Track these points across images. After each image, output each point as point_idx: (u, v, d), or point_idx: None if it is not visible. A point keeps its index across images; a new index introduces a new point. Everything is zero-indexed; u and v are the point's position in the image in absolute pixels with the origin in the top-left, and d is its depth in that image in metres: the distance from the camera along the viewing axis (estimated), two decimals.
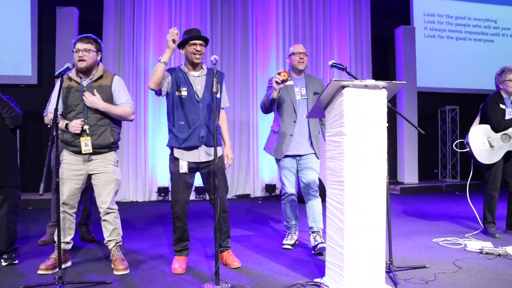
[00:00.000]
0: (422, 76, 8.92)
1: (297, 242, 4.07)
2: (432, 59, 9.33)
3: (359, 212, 2.71)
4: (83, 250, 3.99)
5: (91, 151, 3.29)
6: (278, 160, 3.92)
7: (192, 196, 7.30)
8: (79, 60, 3.28)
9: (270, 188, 7.68)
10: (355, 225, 2.70)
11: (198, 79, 3.36)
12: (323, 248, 3.47)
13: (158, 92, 3.30)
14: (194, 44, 3.27)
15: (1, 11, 7.35)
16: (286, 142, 3.80)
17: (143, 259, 3.68)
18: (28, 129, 7.14)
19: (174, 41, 3.07)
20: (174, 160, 3.38)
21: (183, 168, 3.31)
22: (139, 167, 7.36)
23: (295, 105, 3.78)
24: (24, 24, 7.41)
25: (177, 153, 3.35)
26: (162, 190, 7.24)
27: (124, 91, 3.46)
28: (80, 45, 3.30)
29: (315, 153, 3.84)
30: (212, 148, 3.32)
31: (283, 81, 3.45)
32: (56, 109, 2.97)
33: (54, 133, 3.09)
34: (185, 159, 3.32)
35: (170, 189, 3.43)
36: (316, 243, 3.74)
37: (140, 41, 7.44)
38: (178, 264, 3.33)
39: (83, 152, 3.28)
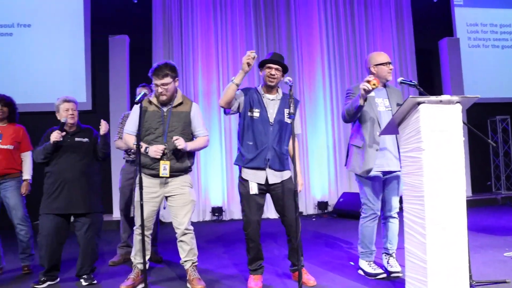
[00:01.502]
0: (469, 87, 8.74)
1: None
2: (478, 69, 9.17)
3: (440, 226, 2.70)
4: (154, 270, 4.09)
5: (168, 175, 3.41)
6: (361, 177, 3.55)
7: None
8: (160, 95, 3.39)
9: (322, 205, 7.64)
10: (437, 239, 2.70)
11: (272, 102, 3.41)
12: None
13: (227, 111, 3.37)
14: (270, 67, 3.35)
15: (57, 42, 7.78)
16: (373, 157, 3.44)
17: (216, 279, 3.74)
18: None
19: (249, 64, 3.11)
20: (242, 182, 3.43)
21: (253, 189, 3.35)
22: (193, 187, 7.42)
23: (378, 116, 3.47)
24: (78, 53, 7.80)
25: (245, 174, 3.40)
26: (216, 210, 7.32)
27: (201, 118, 3.60)
28: (157, 81, 3.36)
29: None
30: (281, 171, 3.39)
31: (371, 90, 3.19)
32: (138, 134, 3.14)
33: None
34: (253, 180, 3.36)
35: (241, 209, 3.50)
36: (391, 269, 3.55)
37: (188, 64, 7.67)
38: (254, 283, 3.38)
39: (160, 175, 3.39)
